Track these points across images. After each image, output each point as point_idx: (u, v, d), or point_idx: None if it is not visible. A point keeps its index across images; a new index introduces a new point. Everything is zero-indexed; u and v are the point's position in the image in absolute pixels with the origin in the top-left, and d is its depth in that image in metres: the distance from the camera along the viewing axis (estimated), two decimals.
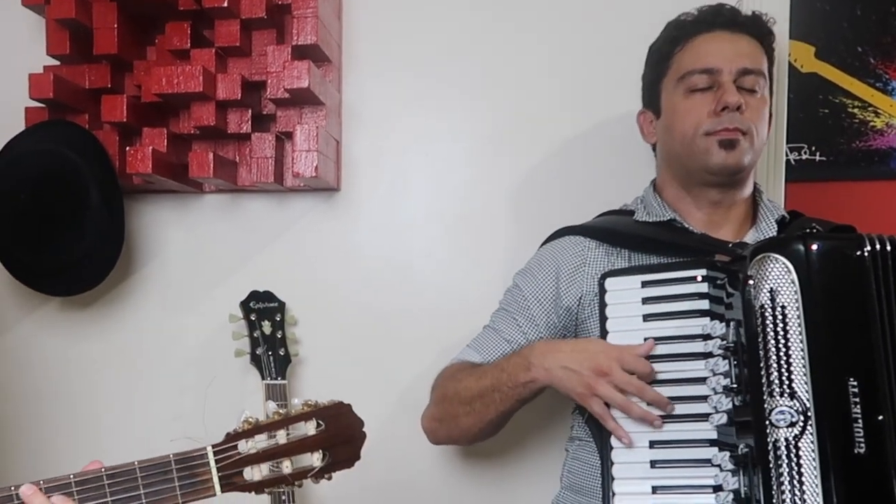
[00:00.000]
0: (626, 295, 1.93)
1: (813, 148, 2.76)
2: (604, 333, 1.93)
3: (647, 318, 1.89)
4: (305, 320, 2.66)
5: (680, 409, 1.85)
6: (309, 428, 1.57)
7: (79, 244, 2.53)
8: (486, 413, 2.07)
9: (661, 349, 1.87)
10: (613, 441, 1.88)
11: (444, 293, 2.63)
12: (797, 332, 1.71)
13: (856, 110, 2.73)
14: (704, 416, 1.81)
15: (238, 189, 2.68)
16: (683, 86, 2.06)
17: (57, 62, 2.63)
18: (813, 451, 1.68)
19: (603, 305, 1.94)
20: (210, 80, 2.45)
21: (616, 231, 2.16)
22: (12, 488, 1.52)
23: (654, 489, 1.84)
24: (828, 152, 2.76)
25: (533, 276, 2.19)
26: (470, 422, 2.12)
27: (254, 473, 1.55)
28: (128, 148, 2.48)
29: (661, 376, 1.86)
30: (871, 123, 2.71)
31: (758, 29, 2.06)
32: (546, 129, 2.60)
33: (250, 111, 2.58)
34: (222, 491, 1.55)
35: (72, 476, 1.54)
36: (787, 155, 2.60)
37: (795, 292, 1.71)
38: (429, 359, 2.38)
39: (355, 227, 2.70)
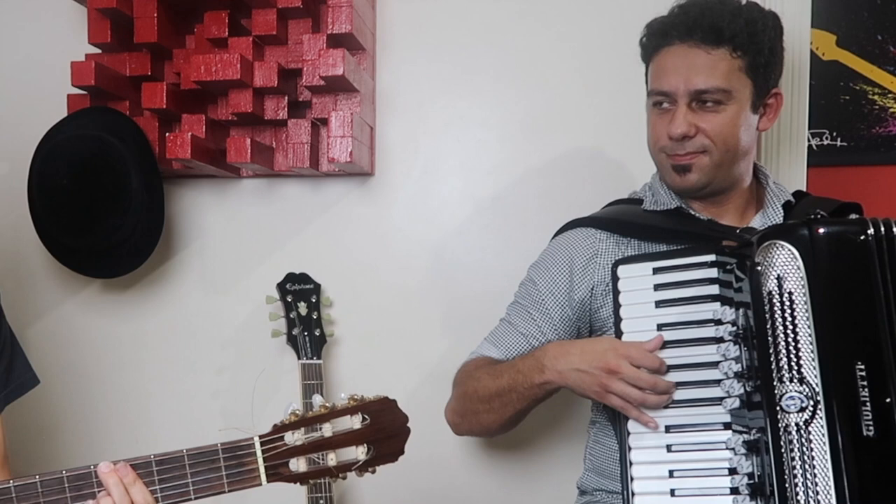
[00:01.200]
0: (638, 282, 1.94)
1: (834, 133, 2.78)
2: (617, 320, 1.95)
3: (659, 304, 1.91)
4: (340, 301, 2.70)
5: (694, 393, 1.86)
6: (354, 422, 1.57)
7: (120, 228, 2.56)
8: (504, 411, 2.11)
9: (675, 335, 1.88)
10: (630, 426, 1.90)
11: (475, 275, 2.66)
12: (805, 318, 1.73)
13: (876, 97, 2.75)
14: (718, 401, 1.82)
15: (274, 174, 2.71)
16: (651, 100, 2.10)
17: (98, 50, 2.66)
18: (823, 434, 1.70)
19: (616, 293, 1.96)
20: (247, 67, 2.48)
21: (625, 221, 2.18)
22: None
23: (672, 472, 1.86)
24: (848, 138, 2.78)
25: (547, 269, 2.21)
26: (490, 419, 2.15)
27: (299, 465, 1.56)
28: (167, 134, 2.51)
29: (674, 361, 1.87)
30: (891, 109, 2.72)
31: (716, 35, 2.00)
32: (575, 115, 2.63)
33: (286, 98, 2.62)
34: (268, 481, 1.57)
35: (122, 461, 1.55)
36: (808, 140, 2.63)
37: (802, 278, 1.73)
38: (460, 338, 2.41)
39: (389, 211, 2.73)
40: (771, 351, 1.73)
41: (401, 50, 2.72)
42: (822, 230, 1.73)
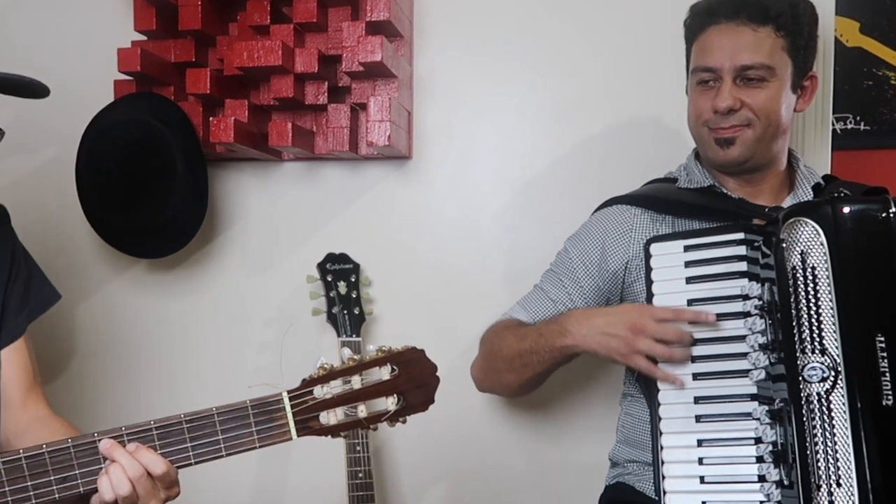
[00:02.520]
0: (669, 259, 1.98)
1: (857, 118, 2.83)
2: (650, 296, 1.99)
3: (689, 280, 1.95)
4: (379, 281, 2.75)
5: (722, 366, 1.90)
6: (383, 373, 1.58)
7: (165, 209, 2.60)
8: (524, 372, 2.18)
9: (704, 309, 1.92)
10: (661, 397, 1.95)
11: (510, 254, 2.71)
12: (827, 292, 1.78)
13: None
14: (745, 373, 1.87)
15: (315, 157, 2.77)
16: (694, 79, 2.15)
17: (144, 37, 2.72)
18: (843, 404, 1.75)
19: (648, 269, 2.00)
20: (289, 54, 2.52)
21: (660, 198, 2.23)
22: (95, 434, 1.57)
23: (700, 442, 1.90)
24: (871, 122, 2.83)
25: (581, 241, 2.27)
26: (510, 378, 2.23)
27: (329, 417, 1.57)
28: (211, 118, 2.55)
29: (704, 335, 1.91)
30: None
31: (763, 14, 2.05)
32: (605, 99, 2.66)
33: (326, 83, 2.66)
34: (298, 435, 1.57)
35: (152, 422, 1.57)
36: (833, 124, 2.68)
37: (824, 254, 1.78)
38: (494, 316, 2.43)
39: (426, 193, 2.77)
40: (794, 324, 1.79)
41: (437, 37, 2.76)
42: (845, 208, 1.79)
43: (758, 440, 1.84)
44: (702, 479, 1.88)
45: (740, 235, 1.91)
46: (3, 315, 1.86)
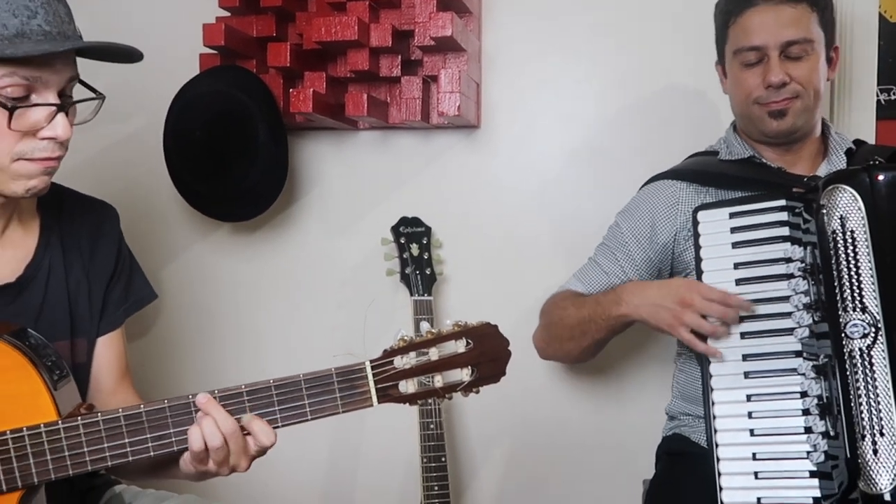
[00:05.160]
0: (716, 226, 2.04)
1: None
2: (698, 260, 2.05)
3: (735, 245, 2.01)
4: (449, 243, 2.84)
5: (768, 325, 1.96)
6: (459, 346, 1.62)
7: (248, 176, 2.68)
8: (583, 339, 2.28)
9: (750, 272, 1.98)
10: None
11: (573, 220, 2.79)
12: (866, 254, 1.85)
13: None
14: (790, 331, 1.93)
15: (389, 126, 2.86)
16: (738, 59, 2.22)
17: (228, 14, 2.79)
18: (884, 358, 1.82)
19: (696, 236, 2.06)
20: (364, 29, 2.57)
21: (703, 171, 2.32)
22: (190, 396, 1.60)
23: (749, 397, 1.96)
24: None
25: (631, 216, 2.37)
26: (571, 345, 2.33)
27: (408, 386, 1.61)
28: (291, 90, 2.61)
29: (751, 296, 1.97)
30: None
31: None
32: (667, 69, 2.73)
33: (400, 57, 2.73)
34: (379, 402, 1.62)
35: (243, 386, 1.61)
36: (877, 95, 2.74)
37: (862, 218, 1.85)
38: (557, 277, 2.50)
39: (493, 161, 2.85)
40: (836, 284, 1.86)
41: (505, 12, 2.82)
42: (880, 175, 1.87)
43: (803, 394, 1.91)
44: (751, 432, 1.94)
45: (782, 202, 1.98)
46: (104, 307, 1.91)
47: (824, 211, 1.88)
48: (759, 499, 1.92)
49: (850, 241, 1.86)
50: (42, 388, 1.59)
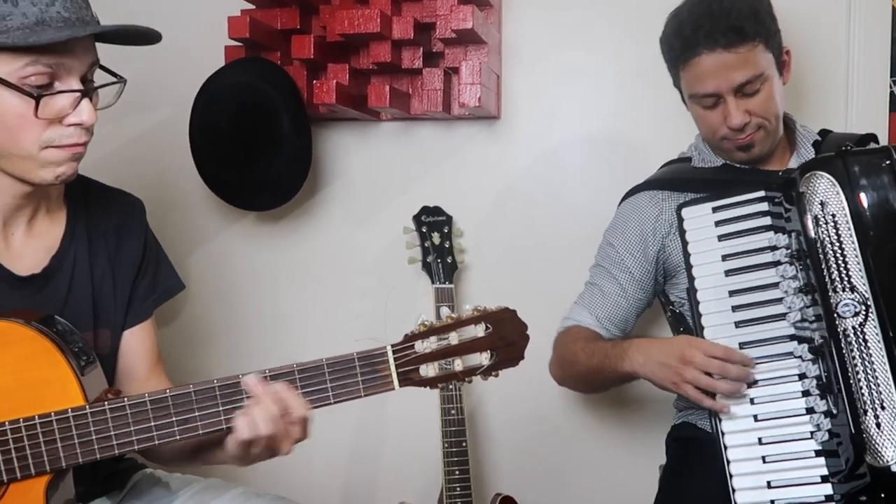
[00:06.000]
0: (700, 221, 2.09)
1: None
2: (686, 255, 2.09)
3: (721, 238, 2.06)
4: (470, 232, 2.87)
5: (760, 312, 2.00)
6: (478, 330, 1.63)
7: (272, 166, 2.71)
8: (594, 384, 2.40)
9: (738, 263, 2.03)
10: None
11: (591, 210, 2.78)
12: (848, 234, 1.89)
13: None
14: (782, 316, 1.97)
15: (410, 117, 2.88)
16: (695, 102, 2.23)
17: (252, 6, 2.81)
18: (877, 333, 1.87)
19: (682, 232, 2.11)
20: (386, 22, 2.60)
21: (680, 179, 2.36)
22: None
23: (749, 384, 1.99)
24: None
25: (622, 231, 2.39)
26: (582, 386, 2.51)
27: (428, 370, 1.63)
28: (314, 81, 2.65)
29: (741, 286, 2.02)
30: None
31: (737, 35, 2.10)
32: None
33: (421, 49, 2.76)
34: (400, 385, 1.63)
35: (267, 371, 1.62)
36: (891, 87, 2.74)
37: (841, 201, 1.90)
38: (574, 267, 2.54)
39: (513, 151, 2.88)
40: (823, 266, 1.90)
41: (524, 4, 2.85)
42: (852, 160, 1.92)
43: (802, 376, 1.96)
44: (755, 418, 1.98)
45: (761, 193, 2.04)
46: (133, 299, 1.93)
47: (805, 196, 1.93)
48: (769, 482, 1.95)
49: (831, 223, 1.91)
50: (69, 373, 1.63)
